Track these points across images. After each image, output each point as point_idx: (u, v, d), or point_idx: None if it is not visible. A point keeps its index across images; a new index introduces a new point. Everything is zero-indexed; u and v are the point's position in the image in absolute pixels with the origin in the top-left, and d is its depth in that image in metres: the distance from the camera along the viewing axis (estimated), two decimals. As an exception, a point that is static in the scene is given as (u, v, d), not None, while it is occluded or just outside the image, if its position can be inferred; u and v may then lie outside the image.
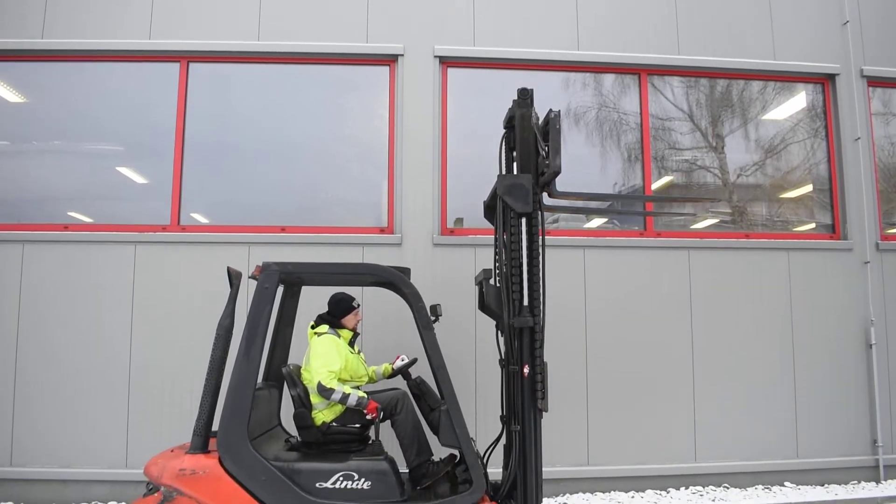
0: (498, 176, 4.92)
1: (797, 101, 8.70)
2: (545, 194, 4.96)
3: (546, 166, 4.73)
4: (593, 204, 7.37)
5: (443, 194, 7.81)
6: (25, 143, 7.91)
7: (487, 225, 7.63)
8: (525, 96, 5.05)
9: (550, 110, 4.78)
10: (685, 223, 8.47)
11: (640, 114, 8.38)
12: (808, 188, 8.70)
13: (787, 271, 8.10)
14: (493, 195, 5.07)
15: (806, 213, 8.74)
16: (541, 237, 4.82)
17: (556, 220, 8.17)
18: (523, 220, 4.84)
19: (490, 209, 5.36)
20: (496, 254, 5.10)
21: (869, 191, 8.40)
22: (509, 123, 5.21)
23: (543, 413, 4.71)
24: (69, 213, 7.72)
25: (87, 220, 7.71)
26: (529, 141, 4.97)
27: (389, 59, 7.99)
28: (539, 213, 4.85)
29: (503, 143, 5.32)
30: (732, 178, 8.68)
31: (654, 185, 8.30)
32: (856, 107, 8.50)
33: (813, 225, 8.66)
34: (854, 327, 8.15)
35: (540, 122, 5.02)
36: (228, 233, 7.53)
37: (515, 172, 5.06)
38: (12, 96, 7.86)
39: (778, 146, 8.70)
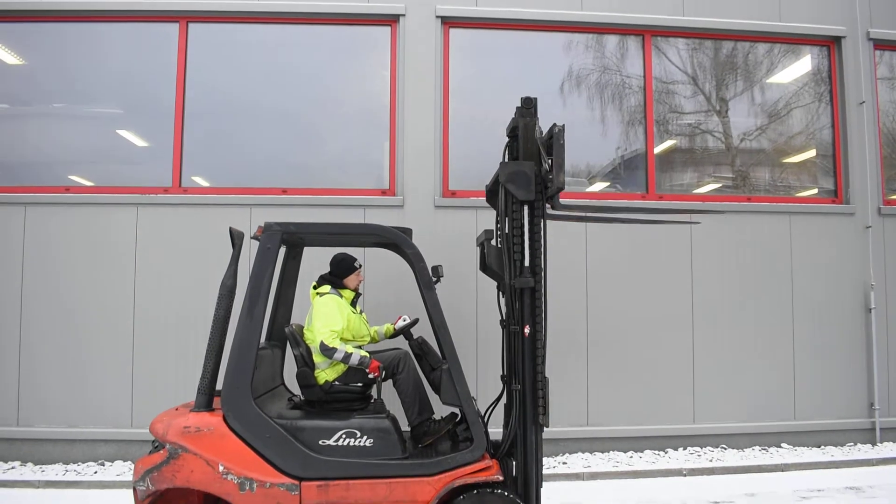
0: (500, 163, 4.87)
1: (802, 65, 8.62)
2: (548, 206, 4.91)
3: (550, 181, 4.69)
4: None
5: (444, 156, 7.78)
6: (25, 105, 7.89)
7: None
8: (529, 105, 4.94)
9: (555, 125, 4.72)
10: (687, 187, 8.46)
11: (644, 76, 8.31)
12: (812, 153, 8.67)
13: (788, 235, 8.10)
14: (495, 181, 5.02)
15: (809, 178, 8.72)
16: (543, 225, 4.81)
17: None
18: (525, 207, 4.81)
19: (492, 193, 5.31)
20: (498, 216, 5.08)
21: (872, 155, 8.37)
22: (512, 133, 5.10)
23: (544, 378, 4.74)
24: (70, 177, 7.72)
25: (88, 183, 7.71)
26: (533, 153, 4.89)
27: (391, 20, 7.91)
28: (542, 199, 4.80)
29: (506, 152, 5.24)
30: (736, 143, 8.64)
31: (657, 149, 8.27)
32: (861, 70, 8.43)
33: (815, 190, 8.64)
34: (854, 291, 8.19)
35: (543, 133, 4.93)
36: (230, 194, 7.54)
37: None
38: (11, 58, 7.80)
39: (782, 110, 8.65)
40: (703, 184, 8.57)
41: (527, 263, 4.76)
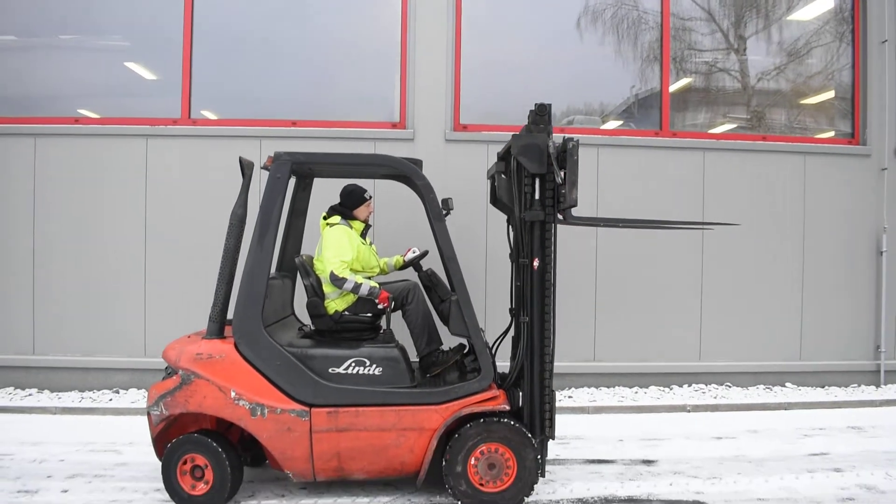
0: (513, 136, 4.78)
1: (824, 2, 8.39)
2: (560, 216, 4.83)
3: (562, 195, 4.64)
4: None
5: (456, 89, 7.67)
6: (32, 37, 7.79)
7: (501, 121, 7.58)
8: (542, 112, 4.81)
9: (569, 139, 4.65)
10: (702, 126, 8.36)
11: (661, 12, 8.12)
12: (830, 94, 8.52)
13: (802, 175, 8.01)
14: (507, 151, 4.92)
15: (826, 120, 8.61)
16: (553, 229, 4.76)
17: (570, 122, 8.06)
18: (536, 179, 4.73)
19: (503, 160, 5.20)
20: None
21: (892, 96, 8.22)
22: None
23: (554, 309, 4.76)
24: (78, 110, 7.70)
25: (97, 116, 7.68)
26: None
27: (403, -51, 7.72)
28: (553, 172, 4.72)
29: None
30: (752, 82, 8.51)
31: (672, 88, 8.14)
32: (885, 7, 8.19)
33: (832, 133, 8.52)
34: (866, 234, 8.14)
35: (557, 143, 4.78)
36: (239, 126, 7.50)
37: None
38: (17, -12, 7.70)
39: (801, 49, 8.47)
40: (717, 123, 8.46)
41: (537, 196, 4.73)
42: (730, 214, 7.84)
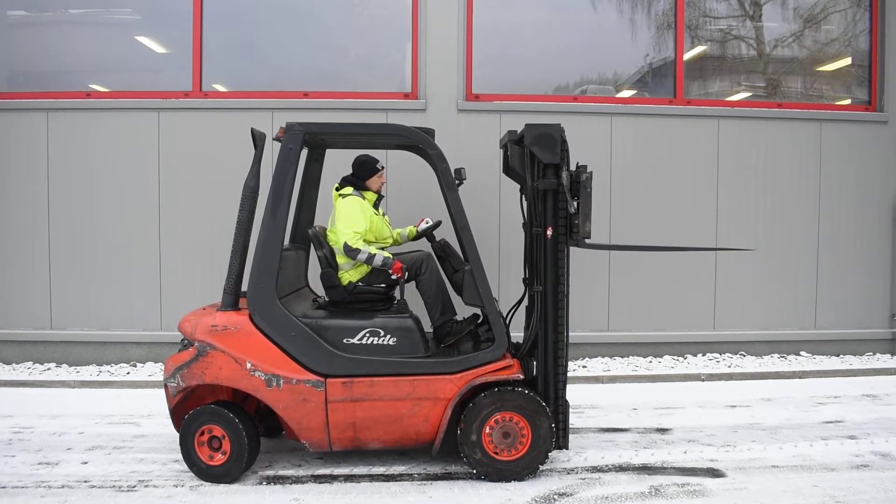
0: (526, 125, 4.73)
1: (842, -36, 8.24)
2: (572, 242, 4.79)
3: (576, 225, 4.62)
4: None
5: (468, 58, 7.60)
6: (41, 11, 7.77)
7: (514, 91, 7.51)
8: None
9: (583, 169, 4.60)
10: (716, 93, 8.25)
11: (675, -22, 8.00)
12: (847, 61, 8.38)
13: (818, 142, 7.92)
14: (519, 139, 4.87)
15: (842, 87, 8.47)
16: (567, 251, 4.73)
17: (583, 91, 7.98)
18: (549, 168, 4.69)
19: (515, 146, 5.14)
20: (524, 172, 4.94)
21: (911, 61, 8.07)
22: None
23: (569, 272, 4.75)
24: (90, 85, 7.68)
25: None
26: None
27: (413, -87, 7.61)
28: (565, 159, 4.69)
29: None
30: (768, 50, 8.38)
31: (687, 56, 8.03)
32: (905, -30, 8.04)
33: (848, 101, 8.39)
34: (882, 201, 8.05)
35: (571, 167, 4.75)
36: (251, 98, 7.48)
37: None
38: (24, -39, 7.65)
39: (818, 15, 8.32)
40: (732, 92, 8.35)
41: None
42: (744, 181, 7.80)
